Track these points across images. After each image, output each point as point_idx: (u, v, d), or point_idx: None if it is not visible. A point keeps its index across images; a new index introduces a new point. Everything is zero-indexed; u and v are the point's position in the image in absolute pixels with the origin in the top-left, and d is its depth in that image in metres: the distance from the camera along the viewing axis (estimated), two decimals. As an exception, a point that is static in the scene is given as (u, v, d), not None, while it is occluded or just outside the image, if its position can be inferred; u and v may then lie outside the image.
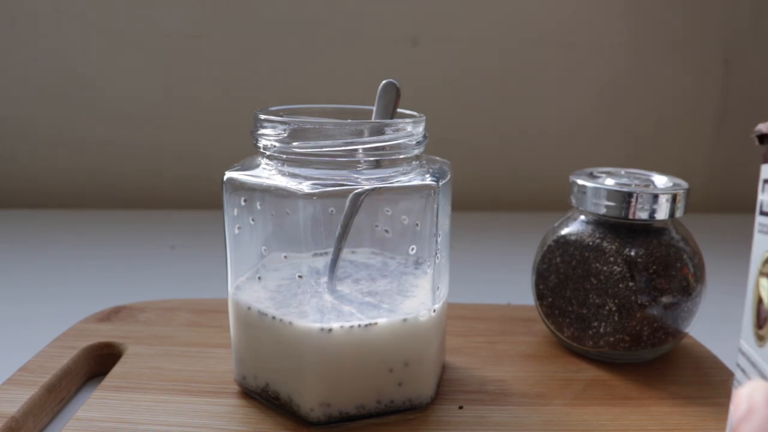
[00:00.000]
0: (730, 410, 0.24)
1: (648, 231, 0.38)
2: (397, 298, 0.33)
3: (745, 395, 0.20)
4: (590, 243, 0.38)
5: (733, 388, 0.24)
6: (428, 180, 0.31)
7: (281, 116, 0.32)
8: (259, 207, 0.32)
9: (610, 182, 0.39)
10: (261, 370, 0.34)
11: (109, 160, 0.81)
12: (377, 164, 0.31)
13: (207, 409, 0.33)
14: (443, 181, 0.32)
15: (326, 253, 0.32)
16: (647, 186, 0.39)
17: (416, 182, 0.31)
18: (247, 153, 0.35)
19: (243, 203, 0.32)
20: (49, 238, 0.69)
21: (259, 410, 0.34)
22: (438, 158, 0.36)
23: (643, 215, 0.37)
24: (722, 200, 0.87)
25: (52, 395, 0.35)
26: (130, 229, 0.73)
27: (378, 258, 0.35)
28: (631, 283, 0.37)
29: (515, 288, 0.50)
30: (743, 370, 0.23)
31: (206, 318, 0.44)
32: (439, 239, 0.33)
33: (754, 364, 0.23)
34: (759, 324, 0.23)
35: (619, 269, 0.37)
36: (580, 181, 0.39)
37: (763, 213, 0.24)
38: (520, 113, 0.84)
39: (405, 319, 0.32)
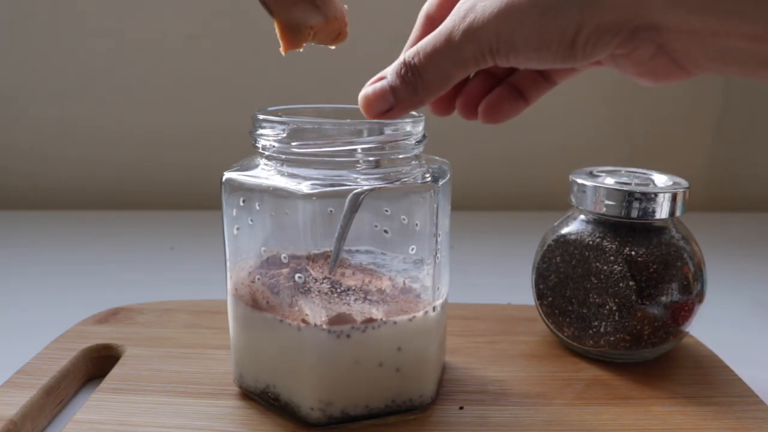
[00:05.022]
0: None
1: (648, 230, 0.38)
2: (397, 298, 0.33)
3: None
4: (590, 242, 0.38)
5: None
6: (428, 180, 0.31)
7: (280, 116, 0.32)
8: (258, 207, 0.32)
9: (610, 181, 0.39)
10: (260, 371, 0.33)
11: (108, 160, 0.80)
12: (377, 164, 0.31)
13: (206, 410, 0.33)
14: (443, 181, 0.32)
15: (325, 254, 0.32)
16: (647, 185, 0.39)
17: (416, 182, 0.31)
18: (246, 153, 0.35)
19: (242, 204, 0.32)
20: (48, 239, 0.68)
21: (258, 411, 0.33)
22: (438, 158, 0.36)
23: (643, 214, 0.37)
24: (722, 199, 0.87)
25: (50, 398, 0.34)
26: (128, 230, 0.73)
27: (378, 258, 0.35)
28: (631, 283, 0.37)
29: (515, 288, 0.50)
30: None
31: (205, 319, 0.44)
32: (439, 239, 0.33)
33: None
34: None
35: (619, 268, 0.37)
36: (580, 180, 0.39)
37: None
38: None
39: (405, 319, 0.32)
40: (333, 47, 0.32)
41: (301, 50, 0.31)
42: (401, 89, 0.29)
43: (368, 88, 0.30)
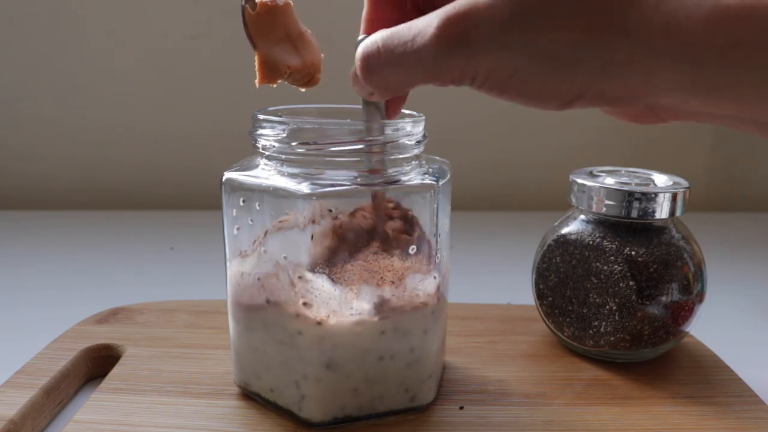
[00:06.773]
0: None
1: (648, 230, 0.38)
2: (396, 298, 0.32)
3: None
4: (590, 242, 0.38)
5: None
6: (428, 180, 0.31)
7: (280, 116, 0.32)
8: (258, 207, 0.32)
9: (610, 181, 0.39)
10: (261, 371, 0.33)
11: (108, 160, 0.80)
12: (377, 164, 0.31)
13: (206, 410, 0.33)
14: (443, 181, 0.32)
15: (325, 253, 0.32)
16: (647, 185, 0.39)
17: (416, 182, 0.31)
18: (246, 153, 0.35)
19: (242, 204, 0.32)
20: (47, 239, 0.68)
21: (258, 411, 0.33)
22: (438, 158, 0.36)
23: (644, 214, 0.37)
24: (722, 199, 0.87)
25: (50, 398, 0.34)
26: (128, 230, 0.73)
27: (377, 257, 0.35)
28: (631, 282, 0.37)
29: (515, 288, 0.50)
30: None
31: (205, 319, 0.44)
32: (439, 239, 0.32)
33: None
34: None
35: (619, 268, 0.37)
36: (580, 180, 0.39)
37: None
38: (521, 113, 0.84)
39: (405, 319, 0.32)
40: (303, 90, 0.33)
41: (275, 86, 0.32)
42: (367, 82, 0.27)
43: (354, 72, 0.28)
